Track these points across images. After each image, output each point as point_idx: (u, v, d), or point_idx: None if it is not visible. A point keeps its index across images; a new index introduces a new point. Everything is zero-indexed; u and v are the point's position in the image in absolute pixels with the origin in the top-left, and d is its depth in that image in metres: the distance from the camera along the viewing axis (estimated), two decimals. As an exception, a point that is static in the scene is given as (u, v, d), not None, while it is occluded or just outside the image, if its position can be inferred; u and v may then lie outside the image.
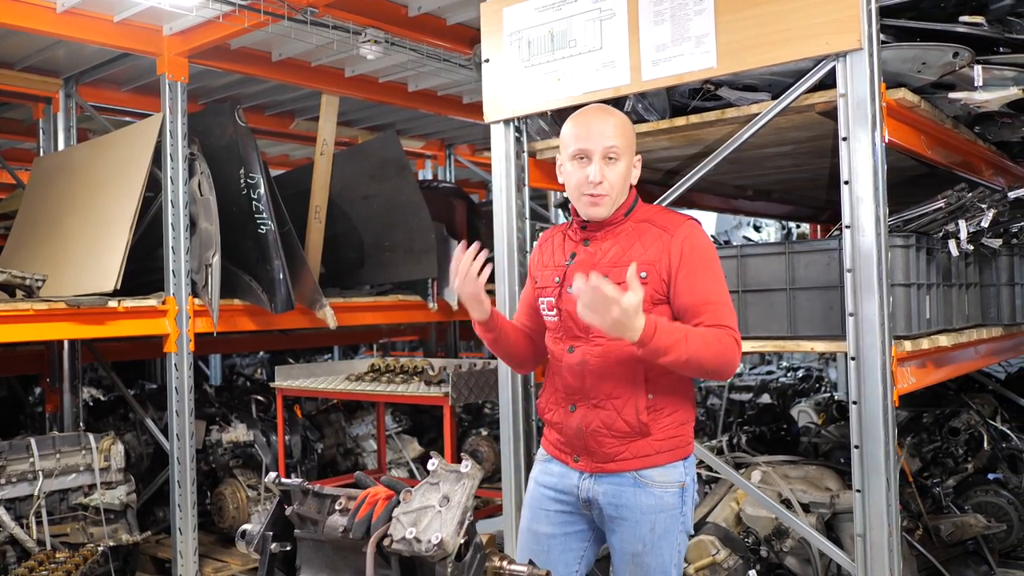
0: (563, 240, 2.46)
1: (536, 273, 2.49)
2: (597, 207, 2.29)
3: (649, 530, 2.30)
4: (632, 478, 2.31)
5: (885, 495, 2.62)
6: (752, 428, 4.73)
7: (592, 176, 2.25)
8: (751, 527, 3.51)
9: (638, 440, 2.29)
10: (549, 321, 2.43)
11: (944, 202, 3.09)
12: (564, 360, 2.36)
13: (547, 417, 2.47)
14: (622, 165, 2.29)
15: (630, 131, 2.35)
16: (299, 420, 5.90)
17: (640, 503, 2.30)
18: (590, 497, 2.37)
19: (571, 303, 2.26)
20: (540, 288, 2.45)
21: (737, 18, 2.85)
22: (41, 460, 4.44)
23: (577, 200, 2.33)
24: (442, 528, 1.80)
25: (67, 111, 5.59)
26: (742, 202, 5.24)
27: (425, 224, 5.72)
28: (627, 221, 2.34)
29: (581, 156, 2.28)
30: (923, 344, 2.95)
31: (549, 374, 2.47)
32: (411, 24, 4.69)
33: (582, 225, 2.38)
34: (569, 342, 2.36)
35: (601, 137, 2.26)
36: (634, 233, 2.32)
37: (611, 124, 2.29)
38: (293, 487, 2.09)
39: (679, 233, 2.28)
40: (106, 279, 4.43)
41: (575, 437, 2.36)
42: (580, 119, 2.33)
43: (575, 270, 2.29)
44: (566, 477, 2.41)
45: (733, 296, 3.27)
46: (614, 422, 2.29)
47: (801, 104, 2.86)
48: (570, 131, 2.33)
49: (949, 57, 2.75)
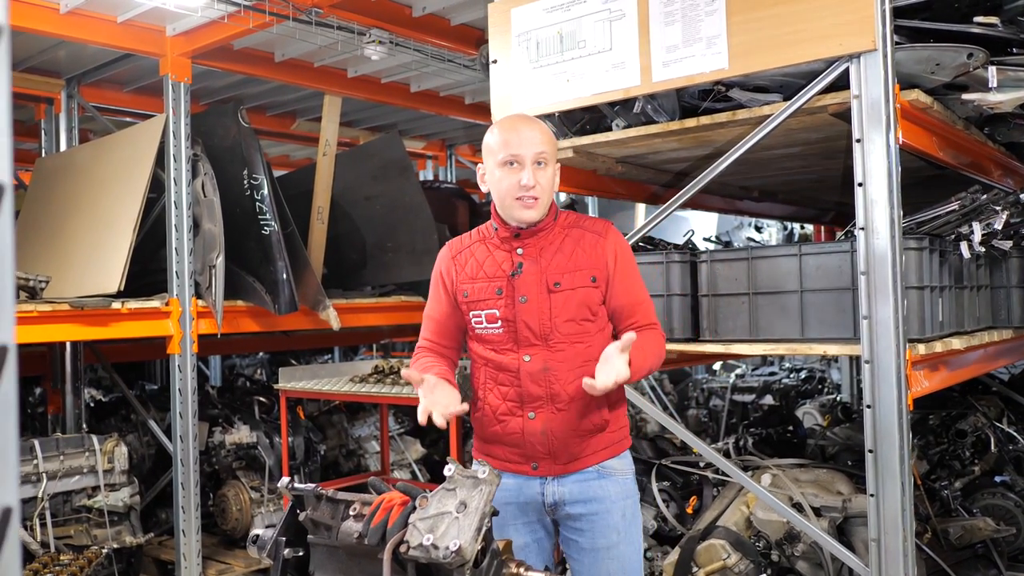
0: (487, 250, 2.44)
1: (463, 286, 2.43)
2: (530, 210, 2.34)
3: (621, 517, 2.39)
4: (596, 471, 2.40)
5: (900, 500, 2.60)
6: (758, 430, 4.71)
7: (525, 180, 2.31)
8: (762, 531, 3.49)
9: (597, 435, 2.39)
10: (489, 333, 2.40)
11: (959, 204, 3.07)
12: (521, 369, 2.36)
13: (494, 430, 2.42)
14: (550, 171, 2.38)
15: (554, 139, 2.46)
16: (302, 421, 5.88)
17: (609, 492, 2.39)
18: (556, 500, 2.40)
19: (526, 312, 2.34)
20: (472, 302, 2.42)
21: (749, 19, 2.83)
22: (45, 462, 4.42)
23: (509, 206, 2.36)
24: (460, 535, 1.78)
25: (69, 112, 5.57)
26: (747, 203, 5.22)
27: (427, 225, 5.70)
28: (556, 226, 2.41)
29: (512, 162, 2.33)
30: (936, 347, 2.93)
31: (489, 385, 2.42)
32: (415, 24, 4.67)
33: (515, 233, 2.39)
34: (524, 351, 2.36)
35: (531, 143, 2.33)
36: (570, 239, 2.39)
37: (539, 131, 2.37)
38: (306, 492, 2.07)
39: (611, 237, 2.41)
40: (110, 280, 4.41)
41: (537, 444, 2.37)
42: (508, 126, 2.39)
43: (524, 280, 2.35)
44: (525, 487, 2.42)
45: (744, 299, 3.27)
46: (580, 423, 2.36)
47: (814, 106, 2.84)
48: (499, 138, 2.37)
49: (963, 58, 2.73)
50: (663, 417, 3.52)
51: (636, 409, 6.02)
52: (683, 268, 3.45)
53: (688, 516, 3.97)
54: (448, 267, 2.48)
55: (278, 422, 5.39)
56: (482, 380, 2.45)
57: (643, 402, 3.42)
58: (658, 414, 3.55)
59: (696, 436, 3.36)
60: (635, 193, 4.34)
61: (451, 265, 2.48)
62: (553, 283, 2.34)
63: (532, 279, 2.35)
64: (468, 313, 2.43)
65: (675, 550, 3.63)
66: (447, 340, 2.53)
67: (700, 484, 4.09)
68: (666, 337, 2.56)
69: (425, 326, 2.55)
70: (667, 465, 4.22)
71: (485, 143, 2.41)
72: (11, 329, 0.66)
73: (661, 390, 7.68)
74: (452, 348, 2.55)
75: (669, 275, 3.43)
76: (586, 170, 3.84)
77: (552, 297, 2.33)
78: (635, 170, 3.97)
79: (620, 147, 3.50)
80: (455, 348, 2.56)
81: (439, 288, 2.50)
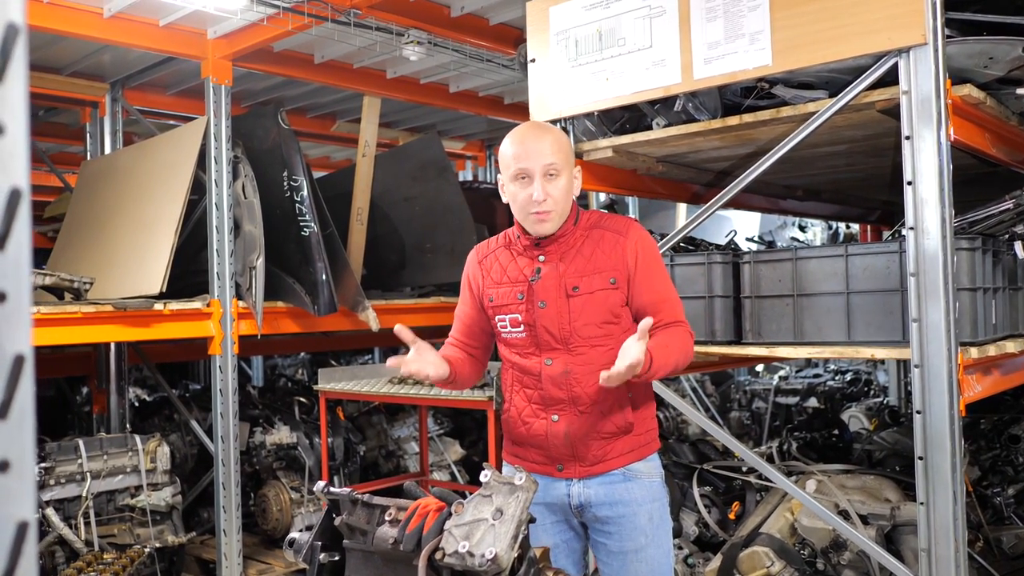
0: (511, 256, 2.45)
1: (488, 291, 2.46)
2: (544, 223, 2.33)
3: (648, 520, 2.37)
4: (621, 474, 2.37)
5: (951, 508, 2.52)
6: (803, 434, 4.62)
7: (536, 195, 2.29)
8: (807, 538, 3.41)
9: (623, 437, 2.37)
10: (513, 337, 2.43)
11: (1013, 203, 2.97)
12: (543, 372, 2.37)
13: (520, 432, 2.45)
14: (563, 180, 2.34)
15: (567, 145, 2.40)
16: (341, 422, 5.90)
17: (635, 496, 2.36)
18: (582, 502, 2.39)
19: (545, 317, 2.35)
20: (496, 307, 2.44)
21: (793, 14, 2.76)
22: (89, 461, 4.48)
23: (524, 219, 2.36)
24: (496, 542, 1.75)
25: (113, 115, 5.65)
26: (791, 202, 5.12)
27: (467, 225, 5.68)
28: (577, 230, 2.39)
29: (522, 176, 2.32)
30: (990, 350, 2.83)
31: (516, 388, 2.45)
32: (453, 25, 4.66)
33: (535, 242, 2.39)
34: (546, 355, 2.37)
35: (539, 156, 2.30)
36: (589, 241, 2.37)
37: (547, 142, 2.33)
38: (342, 496, 2.06)
39: (632, 235, 2.36)
40: (152, 282, 4.45)
41: (561, 446, 2.37)
42: (517, 139, 2.36)
43: (543, 285, 2.36)
44: (551, 488, 2.42)
45: (788, 300, 3.20)
46: (603, 426, 2.35)
47: (860, 102, 2.76)
48: (508, 152, 2.35)
49: (1018, 51, 2.63)
50: (704, 421, 3.45)
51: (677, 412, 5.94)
52: (725, 269, 3.38)
53: (730, 522, 3.90)
54: (475, 272, 2.51)
55: (318, 423, 5.41)
56: (509, 383, 2.48)
57: (684, 405, 3.36)
58: (699, 417, 3.49)
59: (738, 439, 3.29)
60: (676, 193, 4.27)
61: (477, 270, 2.51)
62: (571, 287, 2.33)
63: (551, 284, 2.35)
64: (494, 317, 2.46)
65: (717, 557, 3.56)
66: (472, 340, 2.57)
67: (743, 489, 4.02)
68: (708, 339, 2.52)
69: (454, 325, 2.60)
70: (709, 470, 4.14)
71: (499, 155, 2.41)
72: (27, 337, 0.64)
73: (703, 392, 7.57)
74: (477, 348, 2.57)
75: (711, 276, 3.37)
76: (626, 169, 3.79)
77: (571, 301, 2.33)
78: (676, 169, 3.90)
79: (660, 146, 3.44)
80: (480, 348, 2.58)
81: (466, 291, 2.54)
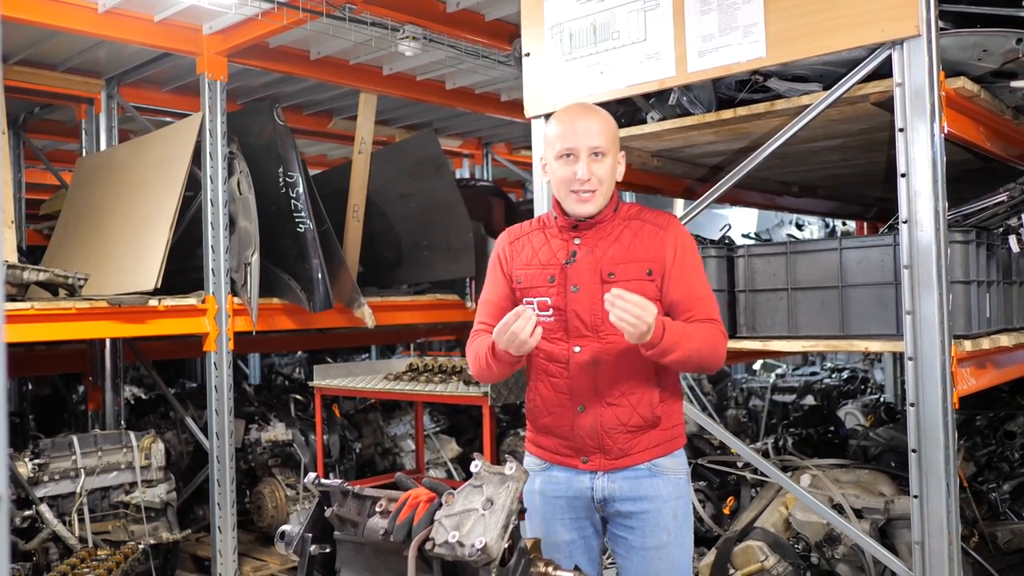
0: (545, 238, 2.42)
1: (517, 272, 2.42)
2: (586, 204, 2.32)
3: (672, 517, 2.34)
4: (647, 469, 2.34)
5: (945, 501, 2.51)
6: (798, 430, 4.62)
7: (580, 173, 2.28)
8: (801, 533, 3.41)
9: (649, 431, 2.34)
10: (542, 321, 2.35)
11: (1007, 195, 2.97)
12: (571, 360, 2.33)
13: (545, 421, 2.41)
14: (608, 162, 2.32)
15: (614, 128, 2.39)
16: (337, 419, 5.89)
17: (660, 491, 2.34)
18: (606, 496, 2.35)
19: (577, 302, 2.31)
20: (525, 288, 2.40)
21: (787, 6, 2.75)
22: (83, 458, 4.47)
23: (565, 197, 2.35)
24: (486, 532, 1.75)
25: (109, 112, 5.64)
26: (786, 199, 5.12)
27: (463, 223, 5.68)
28: (616, 218, 2.37)
29: (567, 154, 2.31)
30: (983, 344, 2.83)
31: (541, 376, 2.40)
32: (449, 20, 4.65)
33: (572, 225, 2.36)
34: (574, 342, 2.33)
35: (586, 135, 2.29)
36: (628, 230, 2.35)
37: (595, 122, 2.33)
38: (333, 488, 2.05)
39: (672, 230, 2.35)
40: (147, 278, 4.45)
41: (587, 437, 2.34)
42: (564, 118, 2.35)
43: (578, 269, 2.33)
44: (575, 481, 2.38)
45: (782, 295, 3.19)
46: (629, 418, 2.31)
47: (855, 95, 2.75)
48: (555, 130, 2.34)
49: (1012, 43, 2.63)
50: (701, 417, 3.44)
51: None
52: (719, 263, 3.37)
53: (725, 517, 3.89)
54: (505, 251, 2.48)
55: (314, 420, 5.40)
56: (535, 370, 2.42)
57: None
58: (696, 414, 3.47)
59: (735, 436, 3.28)
60: (670, 187, 4.26)
61: (508, 249, 2.48)
62: (607, 273, 2.30)
63: (586, 268, 2.32)
64: (522, 300, 2.40)
65: (711, 551, 3.56)
66: None
67: (738, 484, 4.01)
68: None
69: (481, 310, 2.53)
70: (704, 465, 4.14)
71: (544, 134, 2.40)
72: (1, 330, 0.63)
73: (700, 390, 7.57)
74: None
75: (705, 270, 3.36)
76: (621, 164, 3.78)
77: (605, 287, 2.25)
78: (671, 164, 3.90)
79: (655, 140, 3.43)
80: None
81: (496, 271, 2.49)
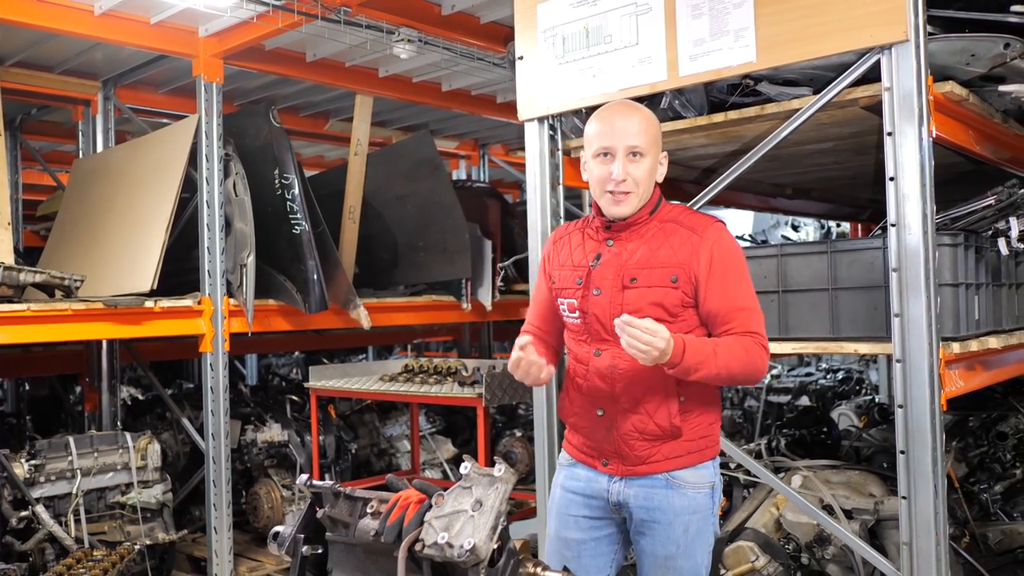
0: (582, 239, 2.39)
1: (553, 272, 2.41)
2: (620, 205, 2.26)
3: (683, 532, 2.28)
4: (664, 480, 2.28)
5: (932, 502, 2.53)
6: (791, 431, 4.64)
7: (616, 174, 2.23)
8: (792, 533, 3.43)
9: (670, 442, 2.27)
10: (571, 323, 2.37)
11: (995, 199, 2.99)
12: (591, 363, 2.31)
13: (571, 420, 2.42)
14: (647, 162, 2.26)
15: (655, 128, 2.31)
16: (333, 420, 5.91)
17: (673, 505, 2.28)
18: (621, 500, 2.33)
19: (597, 305, 2.27)
20: (559, 289, 2.38)
21: (778, 11, 2.77)
22: (79, 459, 4.48)
23: (600, 197, 2.30)
24: (475, 533, 1.76)
25: (105, 113, 5.66)
26: (780, 201, 5.14)
27: (459, 224, 5.69)
28: (652, 220, 2.30)
29: (605, 153, 2.26)
30: (972, 346, 2.85)
31: (570, 375, 2.40)
32: (444, 23, 4.66)
33: (606, 225, 2.32)
34: (595, 345, 2.31)
35: (624, 135, 2.23)
36: (660, 233, 2.27)
37: (635, 121, 2.26)
38: (324, 489, 2.07)
39: (708, 235, 2.24)
40: (143, 279, 4.46)
41: (604, 441, 2.32)
42: (604, 116, 2.30)
43: (601, 272, 2.28)
44: (594, 481, 2.37)
45: (773, 297, 3.21)
46: (646, 426, 2.26)
47: (844, 99, 2.78)
48: (594, 128, 2.29)
49: (1000, 48, 2.65)
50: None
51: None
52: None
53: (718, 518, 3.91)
54: (548, 250, 2.48)
55: (310, 421, 5.42)
56: (569, 368, 2.42)
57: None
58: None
59: (729, 437, 3.31)
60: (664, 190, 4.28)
61: (551, 248, 2.47)
62: (629, 279, 2.24)
63: (609, 272, 2.27)
64: (556, 300, 2.40)
65: (704, 552, 3.57)
66: (547, 325, 2.49)
67: (730, 485, 4.03)
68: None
69: (530, 310, 2.54)
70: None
71: (584, 133, 2.36)
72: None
73: (695, 391, 7.57)
74: (552, 334, 2.49)
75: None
76: (614, 167, 3.80)
77: (626, 293, 2.23)
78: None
79: (648, 143, 3.45)
80: (555, 334, 2.49)
81: (541, 270, 2.50)
